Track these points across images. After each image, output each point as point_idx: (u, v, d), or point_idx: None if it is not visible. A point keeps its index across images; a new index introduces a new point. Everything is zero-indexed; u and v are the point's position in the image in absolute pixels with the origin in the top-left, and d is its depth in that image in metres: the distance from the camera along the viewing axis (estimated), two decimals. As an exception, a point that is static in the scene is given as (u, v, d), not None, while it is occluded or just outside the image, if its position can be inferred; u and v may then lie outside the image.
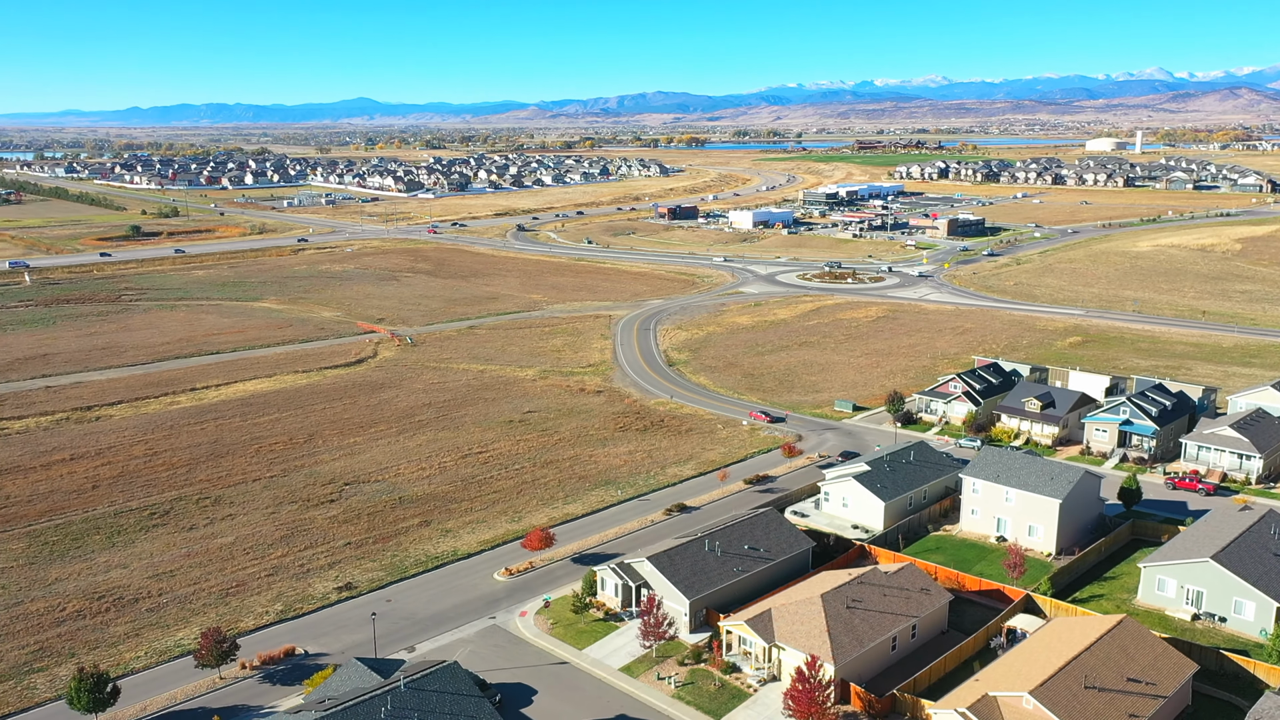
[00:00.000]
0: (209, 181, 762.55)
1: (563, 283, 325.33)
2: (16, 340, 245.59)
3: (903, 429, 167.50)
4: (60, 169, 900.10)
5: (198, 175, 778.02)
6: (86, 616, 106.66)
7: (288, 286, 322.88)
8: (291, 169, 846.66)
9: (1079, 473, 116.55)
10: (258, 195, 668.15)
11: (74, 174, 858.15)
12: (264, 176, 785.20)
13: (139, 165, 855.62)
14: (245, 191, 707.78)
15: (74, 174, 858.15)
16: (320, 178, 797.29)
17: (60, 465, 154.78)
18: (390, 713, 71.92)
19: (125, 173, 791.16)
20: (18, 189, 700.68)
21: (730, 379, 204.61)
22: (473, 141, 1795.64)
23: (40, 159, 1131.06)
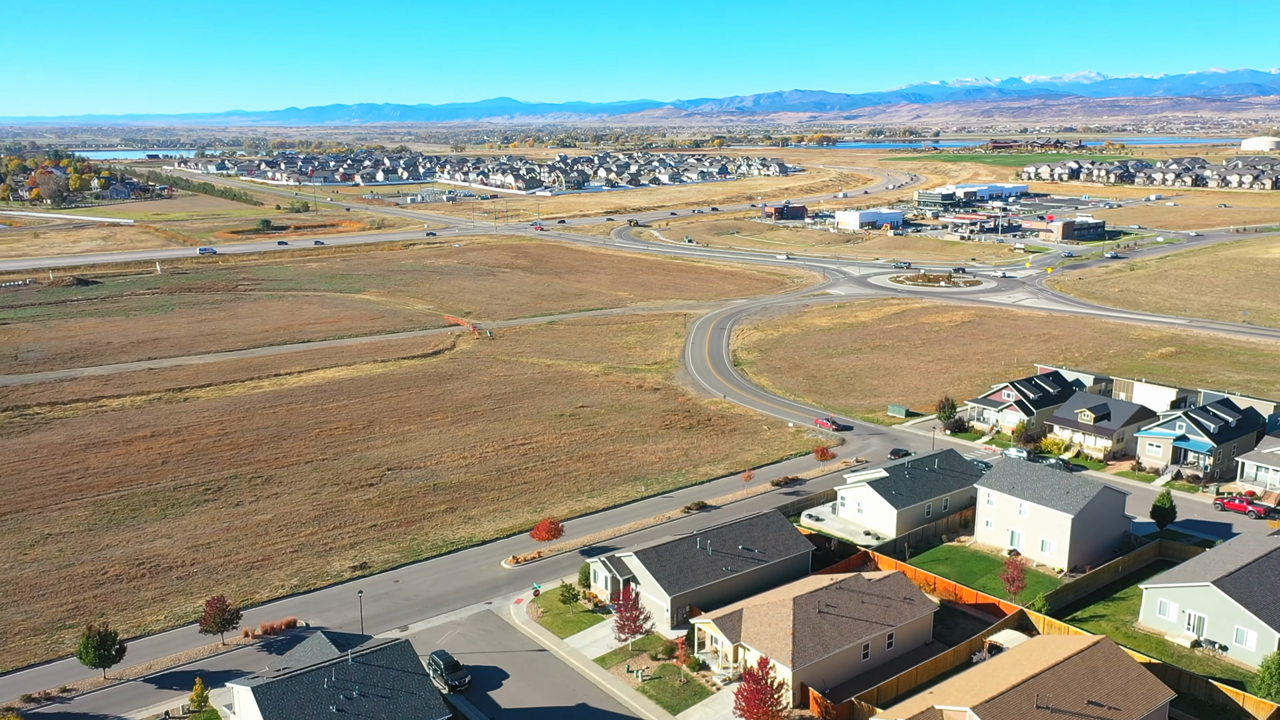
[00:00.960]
0: (343, 178, 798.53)
1: (652, 281, 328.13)
2: (135, 325, 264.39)
3: (952, 436, 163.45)
4: (212, 166, 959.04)
5: (333, 172, 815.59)
6: (124, 581, 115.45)
7: (390, 280, 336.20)
8: (421, 166, 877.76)
9: (1096, 488, 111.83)
10: (385, 192, 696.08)
11: (224, 171, 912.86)
12: (394, 174, 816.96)
13: (282, 163, 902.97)
14: (374, 188, 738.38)
15: (224, 171, 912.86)
16: (447, 175, 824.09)
17: (140, 441, 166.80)
18: (333, 684, 76.00)
19: (269, 170, 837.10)
20: (171, 185, 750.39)
21: (791, 381, 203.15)
22: (604, 140, 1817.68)
23: (201, 156, 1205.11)
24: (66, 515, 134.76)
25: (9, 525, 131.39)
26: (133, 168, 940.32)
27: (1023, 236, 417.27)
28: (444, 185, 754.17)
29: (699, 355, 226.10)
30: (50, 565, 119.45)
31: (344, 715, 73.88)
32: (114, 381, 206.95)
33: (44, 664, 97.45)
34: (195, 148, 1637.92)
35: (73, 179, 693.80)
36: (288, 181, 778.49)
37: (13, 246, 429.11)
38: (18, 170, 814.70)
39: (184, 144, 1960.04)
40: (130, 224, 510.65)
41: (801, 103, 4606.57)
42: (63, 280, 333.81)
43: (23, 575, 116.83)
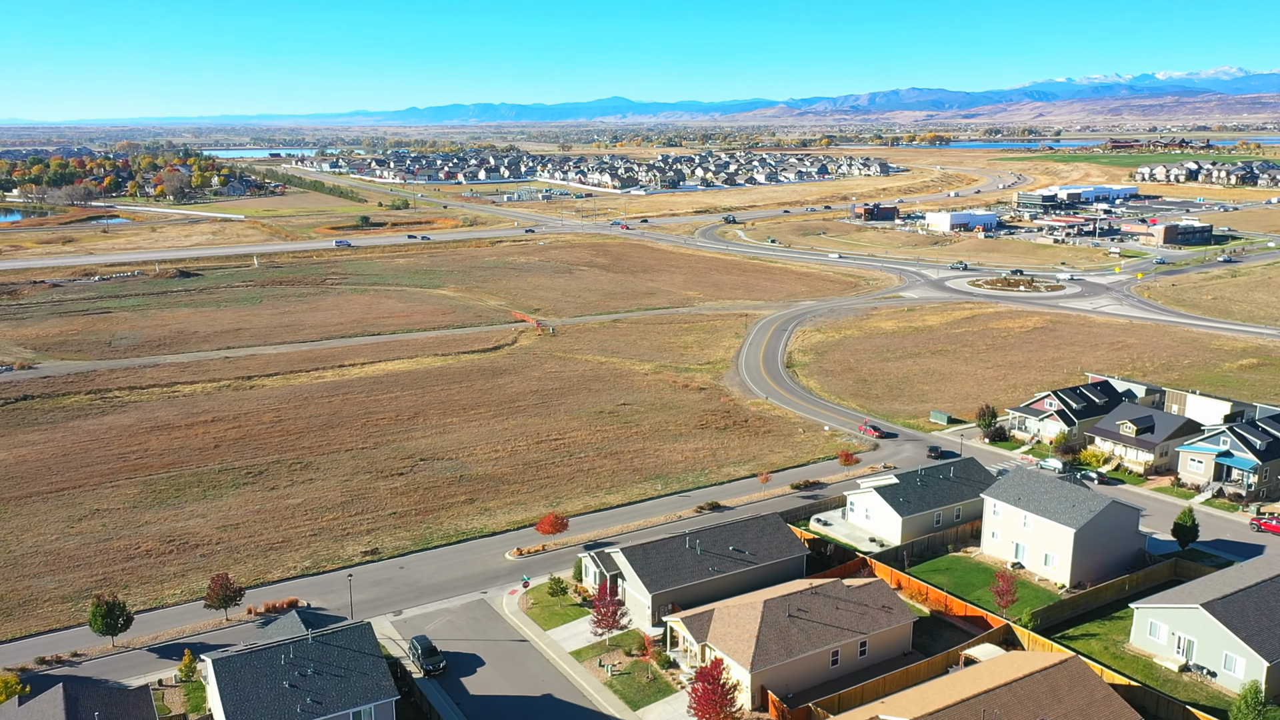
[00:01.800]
0: (447, 176, 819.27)
1: (724, 280, 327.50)
2: (222, 315, 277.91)
3: (991, 445, 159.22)
4: (326, 164, 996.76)
5: (437, 171, 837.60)
6: (153, 556, 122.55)
7: (470, 276, 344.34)
8: (524, 165, 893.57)
9: (1103, 502, 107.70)
10: (484, 190, 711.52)
11: (336, 169, 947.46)
12: (496, 172, 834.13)
13: (391, 161, 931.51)
14: (474, 186, 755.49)
15: (336, 169, 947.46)
16: (547, 174, 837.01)
17: (200, 426, 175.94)
18: (290, 660, 79.63)
19: (377, 168, 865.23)
20: (285, 182, 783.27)
21: (840, 384, 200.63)
22: (711, 140, 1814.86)
23: (320, 155, 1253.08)
24: (117, 492, 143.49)
25: (65, 500, 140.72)
26: (253, 166, 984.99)
27: (1121, 240, 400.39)
28: (541, 184, 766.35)
29: (753, 356, 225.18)
30: (91, 539, 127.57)
31: (296, 691, 77.37)
32: (191, 368, 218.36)
33: (64, 629, 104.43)
34: (318, 147, 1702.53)
35: (195, 177, 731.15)
36: (394, 179, 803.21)
37: (131, 240, 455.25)
38: (149, 168, 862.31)
39: (308, 143, 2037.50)
40: (240, 219, 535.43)
41: (918, 101, 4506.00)
42: (166, 272, 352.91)
43: (65, 546, 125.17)
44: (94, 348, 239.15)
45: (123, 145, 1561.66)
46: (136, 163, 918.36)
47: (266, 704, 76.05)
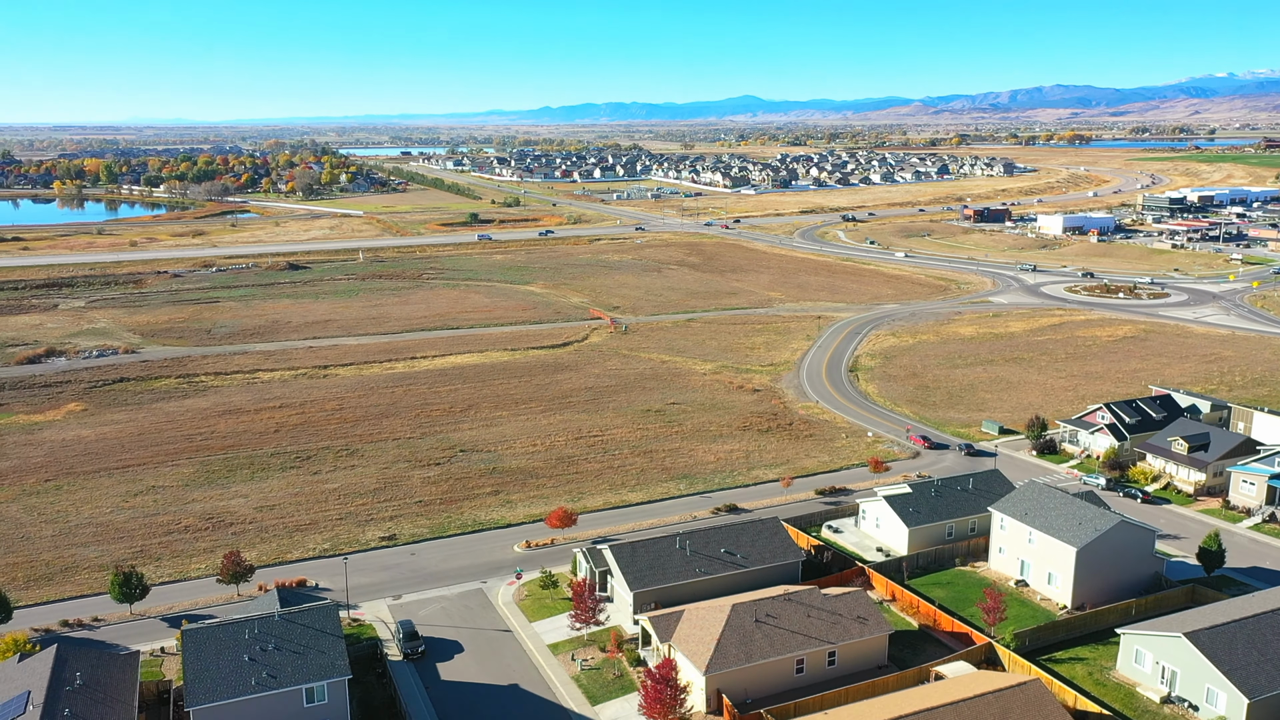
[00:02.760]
0: (563, 175, 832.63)
1: (810, 282, 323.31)
2: (318, 307, 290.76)
3: (1038, 458, 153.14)
4: (450, 162, 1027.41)
5: (554, 169, 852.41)
6: (190, 532, 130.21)
7: (561, 273, 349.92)
8: (640, 164, 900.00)
9: (1111, 521, 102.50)
10: (597, 188, 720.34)
11: (460, 167, 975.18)
12: (611, 171, 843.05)
13: (512, 160, 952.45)
14: (588, 184, 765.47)
15: (460, 167, 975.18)
16: (661, 173, 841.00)
17: (268, 411, 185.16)
18: (254, 635, 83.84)
19: (499, 166, 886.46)
20: (408, 180, 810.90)
21: (900, 390, 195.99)
22: (837, 139, 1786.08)
23: (451, 153, 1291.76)
24: (175, 471, 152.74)
25: (128, 476, 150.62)
26: (382, 164, 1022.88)
27: (1247, 246, 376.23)
28: (653, 182, 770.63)
29: (818, 359, 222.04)
30: (139, 513, 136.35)
31: (254, 664, 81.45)
32: (275, 356, 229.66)
33: (93, 596, 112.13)
34: (449, 145, 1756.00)
35: (325, 174, 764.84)
36: (511, 177, 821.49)
37: (254, 234, 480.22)
38: (285, 165, 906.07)
39: (442, 141, 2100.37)
40: (359, 215, 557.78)
41: (1063, 99, 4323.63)
42: (277, 265, 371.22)
43: (115, 519, 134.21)
44: (195, 335, 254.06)
45: (270, 144, 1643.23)
46: (275, 160, 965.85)
47: (225, 674, 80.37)
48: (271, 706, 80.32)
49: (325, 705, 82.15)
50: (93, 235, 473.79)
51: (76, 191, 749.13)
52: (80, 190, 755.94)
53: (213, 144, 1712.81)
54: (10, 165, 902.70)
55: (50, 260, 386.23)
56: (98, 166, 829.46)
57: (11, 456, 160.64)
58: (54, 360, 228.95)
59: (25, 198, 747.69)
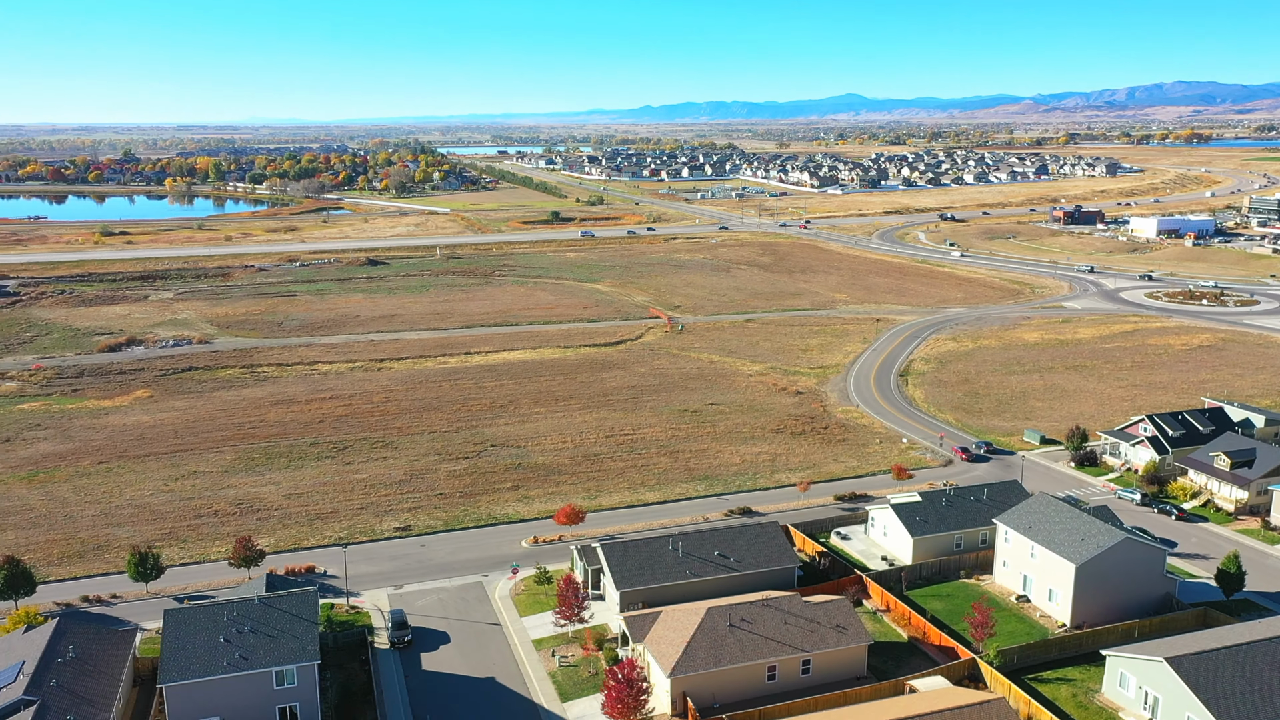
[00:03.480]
0: (651, 174, 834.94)
1: (879, 284, 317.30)
2: (387, 302, 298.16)
3: (1076, 470, 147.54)
4: (542, 161, 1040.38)
5: (642, 168, 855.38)
6: (219, 516, 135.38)
7: (629, 272, 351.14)
8: (729, 163, 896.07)
9: (1115, 538, 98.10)
10: (683, 187, 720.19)
11: (552, 165, 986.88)
12: (700, 170, 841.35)
13: (603, 159, 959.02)
14: (674, 183, 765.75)
15: (552, 165, 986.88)
16: (750, 172, 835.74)
17: (318, 402, 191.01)
18: (232, 618, 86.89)
19: (589, 165, 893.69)
20: (499, 178, 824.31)
21: (947, 396, 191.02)
22: (940, 138, 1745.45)
23: (548, 152, 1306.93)
24: (218, 457, 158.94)
25: (174, 461, 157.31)
26: (476, 162, 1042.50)
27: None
28: (739, 181, 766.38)
29: (870, 362, 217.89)
30: (176, 497, 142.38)
31: (228, 645, 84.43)
32: (337, 349, 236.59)
33: (116, 574, 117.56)
34: (548, 144, 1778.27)
35: (419, 172, 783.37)
36: (599, 176, 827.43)
37: (342, 230, 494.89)
38: (384, 164, 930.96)
39: (542, 140, 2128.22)
40: (446, 212, 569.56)
41: (1185, 95, 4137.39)
42: (357, 260, 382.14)
43: (153, 501, 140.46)
44: (267, 327, 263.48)
45: (375, 142, 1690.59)
46: (375, 159, 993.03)
47: (199, 654, 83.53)
48: (242, 687, 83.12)
49: (295, 688, 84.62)
50: (193, 230, 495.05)
51: (186, 188, 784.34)
52: (189, 187, 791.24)
53: (321, 143, 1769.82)
54: (129, 163, 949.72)
55: (149, 254, 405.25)
56: (207, 165, 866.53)
57: (75, 439, 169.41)
58: (133, 349, 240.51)
59: (140, 194, 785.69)
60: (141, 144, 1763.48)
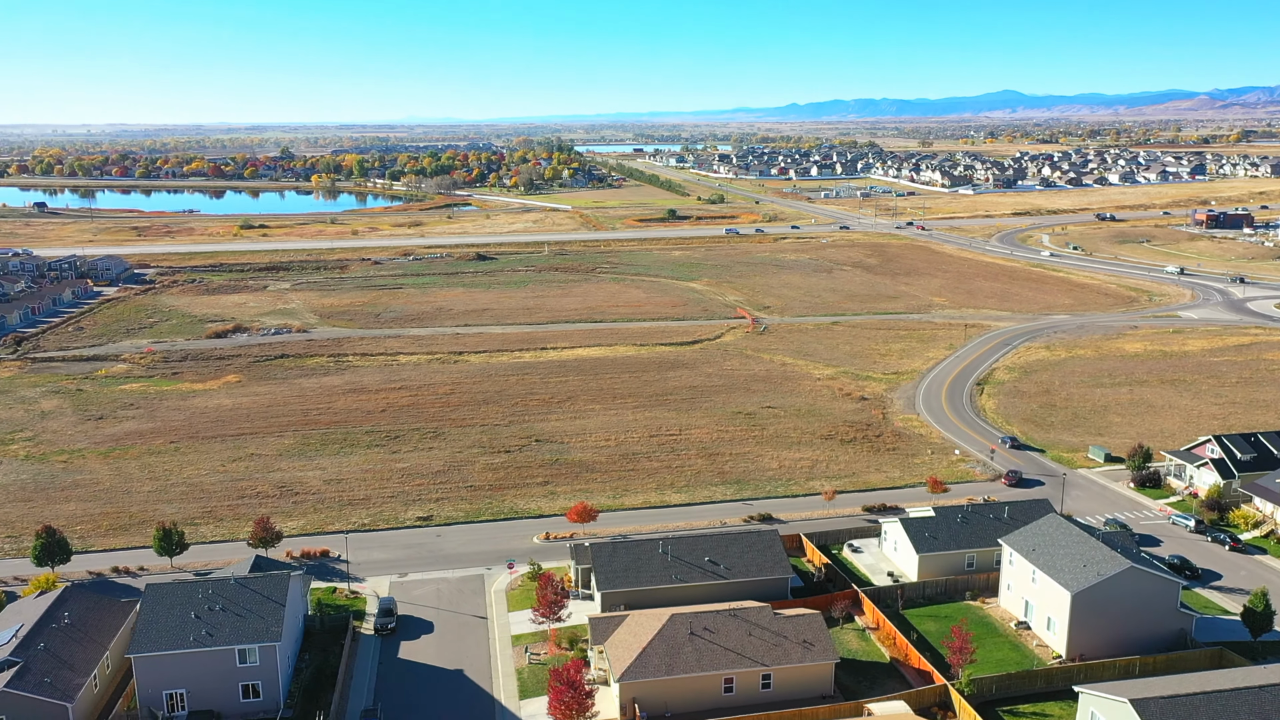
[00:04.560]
0: (780, 173, 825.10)
1: (983, 288, 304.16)
2: (484, 296, 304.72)
3: (1136, 491, 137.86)
4: (673, 159, 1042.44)
5: (768, 167, 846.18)
6: (259, 498, 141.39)
7: (729, 271, 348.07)
8: (861, 162, 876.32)
9: (1119, 567, 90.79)
10: (808, 186, 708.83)
11: (682, 164, 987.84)
12: (829, 169, 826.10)
13: (735, 157, 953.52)
14: (800, 182, 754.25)
15: (682, 164, 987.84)
16: (881, 171, 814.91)
17: (387, 392, 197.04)
18: (207, 596, 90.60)
19: (717, 163, 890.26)
20: (627, 175, 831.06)
21: (1020, 407, 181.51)
22: (1099, 135, 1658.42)
23: (685, 150, 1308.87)
24: (277, 441, 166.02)
25: (237, 443, 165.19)
26: (607, 160, 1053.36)
27: None
28: (867, 181, 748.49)
29: (948, 370, 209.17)
30: (227, 478, 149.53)
31: (198, 621, 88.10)
32: (422, 341, 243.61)
33: (147, 548, 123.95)
34: (686, 142, 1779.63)
35: (548, 170, 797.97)
36: (726, 174, 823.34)
37: (463, 225, 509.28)
38: (519, 161, 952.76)
39: (683, 139, 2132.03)
40: (566, 209, 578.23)
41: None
42: (467, 255, 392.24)
43: (204, 481, 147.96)
44: (364, 318, 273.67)
45: (518, 140, 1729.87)
46: (511, 156, 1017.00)
47: (169, 628, 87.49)
48: (206, 662, 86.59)
49: (257, 667, 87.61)
50: (325, 224, 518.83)
51: (330, 185, 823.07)
52: (333, 183, 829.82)
53: (469, 140, 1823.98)
54: (283, 160, 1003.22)
55: (278, 246, 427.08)
56: (352, 162, 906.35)
57: (158, 419, 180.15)
58: (237, 336, 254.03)
59: (290, 189, 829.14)
60: (303, 142, 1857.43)
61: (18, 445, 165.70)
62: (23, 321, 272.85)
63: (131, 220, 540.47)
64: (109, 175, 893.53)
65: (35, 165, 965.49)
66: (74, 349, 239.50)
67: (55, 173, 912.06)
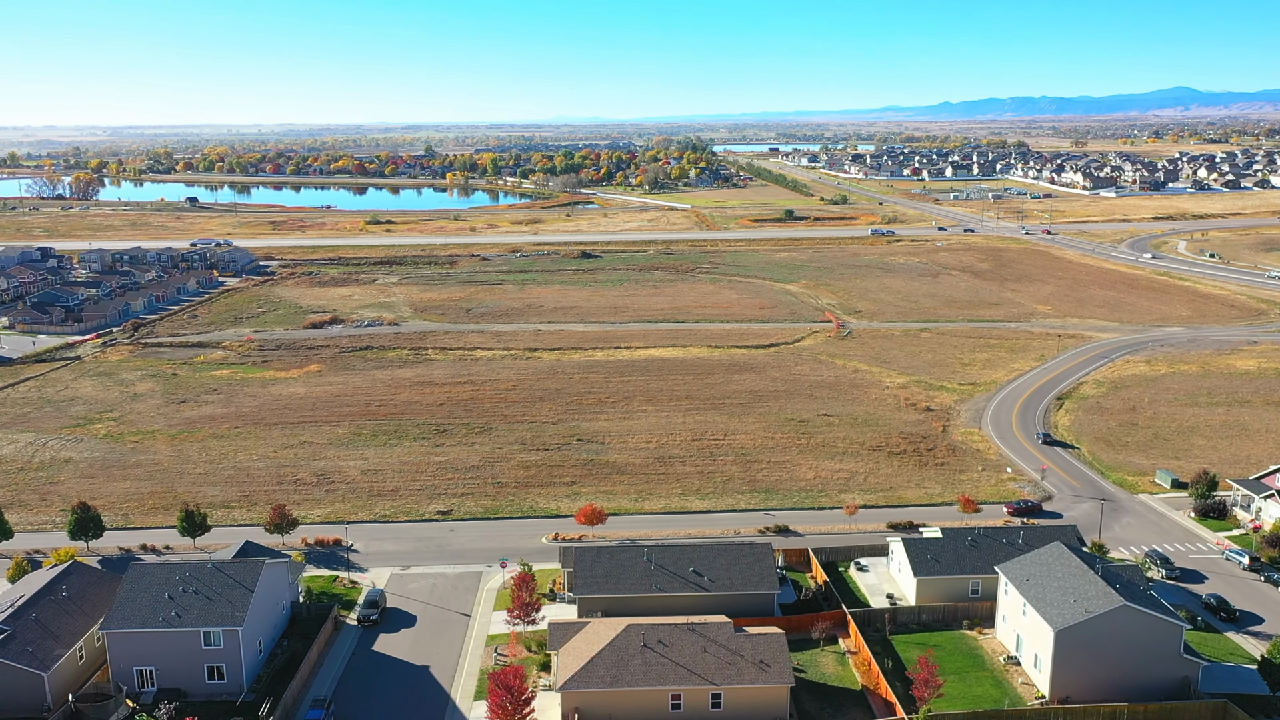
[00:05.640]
0: (912, 173, 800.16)
1: (1094, 297, 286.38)
2: (576, 294, 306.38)
3: (1197, 521, 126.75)
4: (806, 159, 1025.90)
5: (900, 168, 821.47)
6: (297, 485, 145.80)
7: (832, 273, 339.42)
8: (1001, 163, 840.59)
9: (1111, 605, 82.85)
10: (938, 187, 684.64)
11: (814, 163, 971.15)
12: (964, 169, 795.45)
13: (869, 157, 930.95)
14: (929, 183, 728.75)
15: (814, 163, 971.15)
16: (1021, 172, 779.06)
17: (450, 386, 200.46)
18: (183, 578, 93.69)
19: (848, 163, 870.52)
20: (755, 175, 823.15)
21: (1096, 425, 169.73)
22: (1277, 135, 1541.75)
23: (824, 150, 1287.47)
24: (332, 431, 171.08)
25: (294, 431, 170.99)
26: (737, 160, 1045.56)
27: None
28: (1002, 182, 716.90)
29: (1029, 383, 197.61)
30: (275, 464, 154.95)
31: (170, 602, 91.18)
32: (502, 337, 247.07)
33: (172, 528, 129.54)
34: (825, 142, 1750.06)
35: (675, 169, 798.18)
36: (856, 174, 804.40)
37: (578, 224, 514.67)
38: (650, 160, 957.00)
39: (825, 138, 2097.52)
40: (685, 209, 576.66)
41: None
42: (572, 253, 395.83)
43: (253, 466, 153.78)
44: (456, 313, 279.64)
45: (657, 139, 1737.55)
46: (642, 155, 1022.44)
47: (142, 607, 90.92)
48: (173, 642, 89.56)
49: (221, 650, 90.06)
50: (448, 220, 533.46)
51: (464, 182, 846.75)
52: (467, 181, 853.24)
53: (610, 140, 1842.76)
54: (422, 159, 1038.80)
55: (398, 241, 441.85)
56: (486, 160, 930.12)
57: (233, 405, 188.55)
58: (331, 327, 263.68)
59: (428, 187, 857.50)
60: (452, 141, 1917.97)
61: (103, 425, 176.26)
62: (146, 308, 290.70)
63: (270, 215, 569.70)
64: (263, 172, 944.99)
65: (200, 162, 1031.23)
66: (183, 335, 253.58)
67: (217, 170, 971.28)
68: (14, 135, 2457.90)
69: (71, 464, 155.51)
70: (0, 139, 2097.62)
